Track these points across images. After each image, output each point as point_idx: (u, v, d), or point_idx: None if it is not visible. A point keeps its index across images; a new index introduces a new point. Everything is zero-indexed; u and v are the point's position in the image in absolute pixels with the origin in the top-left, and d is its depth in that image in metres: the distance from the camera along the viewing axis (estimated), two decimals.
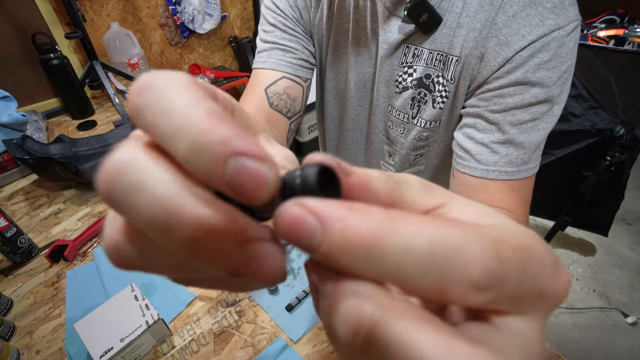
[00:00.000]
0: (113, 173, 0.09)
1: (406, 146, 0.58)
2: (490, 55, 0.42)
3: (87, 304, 0.56)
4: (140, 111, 0.10)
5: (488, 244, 0.09)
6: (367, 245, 0.09)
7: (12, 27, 1.04)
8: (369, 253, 0.09)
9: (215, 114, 0.09)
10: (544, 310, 0.10)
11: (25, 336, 0.52)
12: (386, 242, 0.09)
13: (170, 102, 0.09)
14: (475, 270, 0.09)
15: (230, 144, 0.09)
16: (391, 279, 0.09)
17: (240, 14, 1.80)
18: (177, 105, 0.09)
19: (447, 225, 0.09)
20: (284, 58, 0.55)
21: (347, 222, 0.09)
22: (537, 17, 0.39)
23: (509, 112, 0.43)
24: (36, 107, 1.13)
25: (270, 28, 0.55)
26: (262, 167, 0.09)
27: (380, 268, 0.09)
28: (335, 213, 0.09)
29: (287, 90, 0.55)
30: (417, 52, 0.48)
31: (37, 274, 0.61)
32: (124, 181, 0.09)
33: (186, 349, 0.50)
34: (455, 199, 0.12)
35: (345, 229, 0.09)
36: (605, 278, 1.51)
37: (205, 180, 0.09)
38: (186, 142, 0.09)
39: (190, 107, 0.09)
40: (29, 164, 0.73)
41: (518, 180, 0.45)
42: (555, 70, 0.40)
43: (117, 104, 1.09)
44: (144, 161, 0.09)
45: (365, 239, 0.09)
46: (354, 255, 0.09)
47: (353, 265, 0.09)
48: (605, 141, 0.91)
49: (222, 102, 0.13)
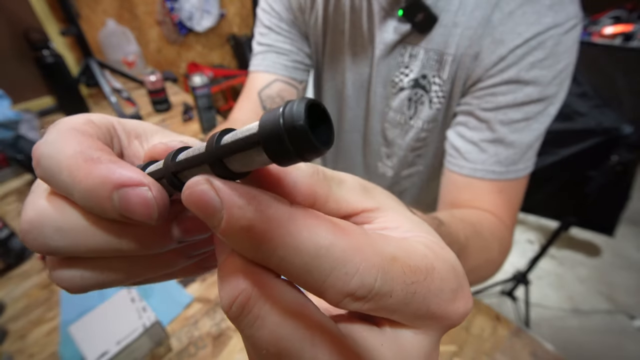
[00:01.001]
0: (30, 229, 0.11)
1: (404, 147, 0.57)
2: (485, 53, 0.42)
3: (82, 306, 0.54)
4: (43, 178, 0.12)
5: (378, 259, 0.10)
6: (257, 238, 0.09)
7: (4, 22, 1.02)
8: (258, 245, 0.09)
9: (92, 159, 0.11)
10: (435, 329, 0.11)
11: (18, 340, 0.51)
12: (275, 239, 0.09)
13: (57, 165, 0.11)
14: (353, 281, 0.09)
15: (107, 181, 0.10)
16: (278, 270, 0.10)
17: (239, 11, 1.78)
18: (63, 165, 0.11)
19: (342, 233, 0.10)
20: (278, 60, 0.55)
21: (243, 212, 0.09)
22: (534, 15, 0.39)
23: (500, 111, 0.42)
24: (30, 105, 1.11)
25: (265, 30, 0.56)
26: (141, 191, 0.10)
27: (268, 260, 0.10)
28: (236, 200, 0.10)
29: (281, 94, 0.55)
30: (414, 52, 0.48)
31: (31, 276, 0.60)
32: (43, 232, 0.11)
33: (184, 352, 0.49)
34: (391, 207, 0.13)
35: (240, 218, 0.09)
36: (611, 280, 1.49)
37: (105, 216, 0.11)
38: (77, 193, 0.11)
39: (72, 162, 0.11)
40: (23, 164, 0.71)
41: (506, 181, 0.44)
42: (550, 69, 0.40)
43: (113, 102, 1.07)
44: (54, 210, 0.12)
45: (256, 231, 0.09)
46: (245, 243, 0.10)
47: (243, 251, 0.10)
48: (611, 140, 0.90)
49: (106, 131, 0.14)
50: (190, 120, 1.04)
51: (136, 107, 1.09)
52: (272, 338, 0.10)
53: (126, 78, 1.23)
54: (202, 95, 0.89)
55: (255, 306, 0.10)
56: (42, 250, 0.11)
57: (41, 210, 0.11)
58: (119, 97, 1.13)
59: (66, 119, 0.13)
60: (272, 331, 0.10)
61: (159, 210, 0.11)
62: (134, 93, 1.18)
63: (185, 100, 1.13)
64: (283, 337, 0.10)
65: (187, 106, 1.06)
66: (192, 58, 1.74)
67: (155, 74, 1.01)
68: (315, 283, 0.09)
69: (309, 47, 0.58)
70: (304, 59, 0.57)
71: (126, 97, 1.12)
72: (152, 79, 1.00)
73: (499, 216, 0.44)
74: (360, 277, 0.09)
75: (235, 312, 0.10)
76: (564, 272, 1.54)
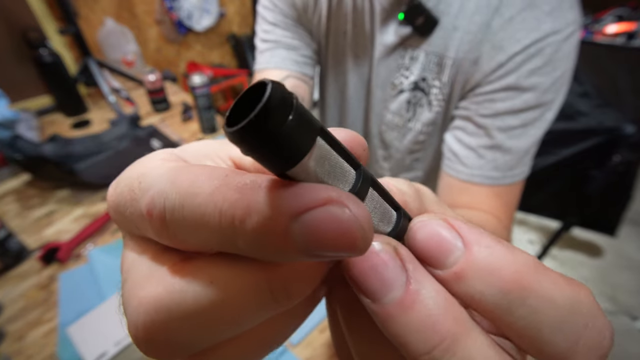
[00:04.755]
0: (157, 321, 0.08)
1: (401, 150, 0.57)
2: (484, 59, 0.42)
3: (80, 307, 0.54)
4: (176, 240, 0.08)
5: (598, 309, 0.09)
6: (509, 283, 0.08)
7: (2, 21, 1.02)
8: (508, 292, 0.08)
9: (245, 185, 0.08)
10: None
11: (16, 341, 0.50)
12: (530, 288, 0.08)
13: (198, 213, 0.08)
14: (608, 339, 0.08)
15: (285, 208, 0.07)
16: (518, 324, 0.08)
17: (238, 10, 1.77)
18: (208, 209, 0.08)
19: (575, 284, 0.09)
20: (288, 56, 0.53)
21: (493, 253, 0.09)
22: (533, 21, 0.39)
23: (498, 117, 0.43)
24: (28, 104, 1.10)
25: (270, 27, 0.54)
26: (335, 210, 0.07)
27: (515, 311, 0.08)
28: (483, 240, 0.09)
29: (294, 90, 0.53)
30: (414, 54, 0.48)
31: (29, 277, 0.59)
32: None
33: None
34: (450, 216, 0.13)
35: (491, 258, 0.09)
36: (613, 281, 1.48)
37: (277, 259, 0.08)
38: (242, 239, 0.08)
39: (219, 199, 0.08)
40: (22, 164, 0.71)
41: (504, 185, 0.45)
42: (549, 76, 0.40)
43: (112, 102, 1.07)
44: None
45: (510, 276, 0.08)
46: (489, 287, 0.08)
47: (482, 295, 0.09)
48: (612, 140, 0.90)
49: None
50: (190, 120, 1.04)
51: (135, 107, 1.09)
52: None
53: (125, 77, 1.22)
54: (202, 94, 0.89)
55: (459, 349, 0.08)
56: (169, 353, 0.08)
57: (171, 290, 0.08)
58: (118, 97, 1.12)
59: (144, 161, 0.10)
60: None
61: (366, 230, 0.07)
62: (133, 93, 1.18)
63: (185, 100, 1.13)
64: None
65: (187, 106, 1.06)
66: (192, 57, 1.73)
67: (155, 74, 1.01)
68: (565, 342, 0.08)
69: (315, 44, 0.58)
70: (312, 54, 0.56)
71: (125, 96, 1.12)
72: (151, 79, 1.00)
73: (498, 217, 0.45)
74: (610, 332, 0.09)
75: (437, 356, 0.08)
76: (566, 272, 1.51)
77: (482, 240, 0.09)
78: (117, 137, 0.88)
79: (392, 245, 0.09)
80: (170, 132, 0.97)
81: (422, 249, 0.09)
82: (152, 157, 0.10)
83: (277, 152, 0.07)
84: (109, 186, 0.11)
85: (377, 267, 0.09)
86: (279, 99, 0.07)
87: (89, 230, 0.66)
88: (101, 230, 0.68)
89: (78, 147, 0.87)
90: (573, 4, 0.39)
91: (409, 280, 0.09)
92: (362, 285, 0.09)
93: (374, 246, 0.09)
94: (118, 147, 0.83)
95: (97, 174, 0.76)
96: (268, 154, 0.07)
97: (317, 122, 0.08)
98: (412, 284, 0.09)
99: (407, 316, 0.08)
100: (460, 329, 0.08)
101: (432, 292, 0.09)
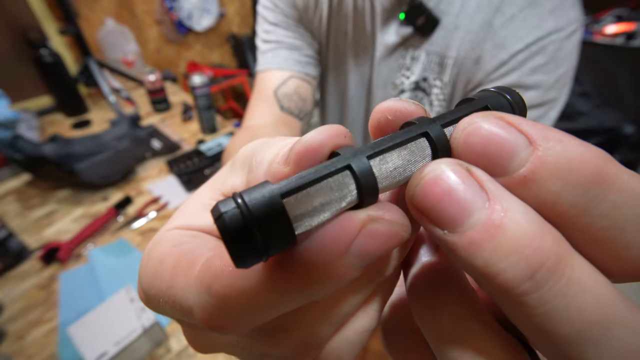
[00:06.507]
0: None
1: None
2: (486, 57, 0.42)
3: (81, 307, 0.54)
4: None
5: None
6: (590, 178, 0.07)
7: (2, 21, 1.02)
8: (588, 188, 0.07)
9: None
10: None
11: (17, 341, 0.50)
12: (612, 181, 0.07)
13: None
14: None
15: (341, 232, 0.08)
16: (597, 226, 0.07)
17: (238, 10, 1.77)
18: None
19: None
20: (291, 56, 0.53)
21: (569, 147, 0.08)
22: (535, 19, 0.39)
23: None
24: (28, 104, 1.10)
25: (271, 27, 0.54)
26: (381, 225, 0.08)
27: (594, 208, 0.07)
28: (552, 134, 0.08)
29: (298, 90, 0.53)
30: (415, 54, 0.48)
31: (29, 277, 0.59)
32: None
33: (183, 352, 0.49)
34: None
35: (567, 152, 0.07)
36: None
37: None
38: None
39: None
40: (22, 164, 0.71)
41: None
42: (552, 74, 0.40)
43: (112, 102, 1.07)
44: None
45: (591, 170, 0.07)
46: (567, 186, 0.07)
47: (557, 197, 0.08)
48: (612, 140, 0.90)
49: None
50: (190, 120, 1.04)
51: (135, 107, 1.09)
52: (596, 304, 0.07)
53: (125, 77, 1.22)
54: (202, 94, 0.89)
55: (568, 268, 0.07)
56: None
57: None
58: (118, 97, 1.13)
59: (156, 243, 0.11)
60: (597, 295, 0.07)
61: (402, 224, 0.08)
62: (133, 93, 1.18)
63: (185, 100, 1.13)
64: (608, 301, 0.07)
65: (187, 106, 1.06)
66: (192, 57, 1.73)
67: (155, 74, 1.01)
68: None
69: (316, 44, 0.57)
70: (314, 54, 0.55)
71: (125, 96, 1.12)
72: (151, 79, 1.00)
73: None
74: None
75: (542, 280, 0.07)
76: None
77: (550, 135, 0.08)
78: (117, 137, 0.88)
79: (464, 165, 0.08)
80: (170, 132, 0.97)
81: (478, 156, 0.08)
82: (162, 245, 0.11)
83: (276, 247, 0.08)
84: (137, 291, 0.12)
85: (452, 191, 0.08)
86: (234, 235, 0.07)
87: (89, 230, 0.66)
88: (101, 230, 0.68)
89: (78, 147, 0.87)
90: (575, 2, 0.39)
91: (492, 199, 0.08)
92: (437, 215, 0.08)
93: (442, 169, 0.08)
94: (118, 147, 0.83)
95: (97, 174, 0.76)
96: (273, 252, 0.08)
97: (274, 202, 0.07)
98: (497, 203, 0.07)
99: (497, 239, 0.07)
100: (562, 247, 0.07)
101: (522, 207, 0.08)
